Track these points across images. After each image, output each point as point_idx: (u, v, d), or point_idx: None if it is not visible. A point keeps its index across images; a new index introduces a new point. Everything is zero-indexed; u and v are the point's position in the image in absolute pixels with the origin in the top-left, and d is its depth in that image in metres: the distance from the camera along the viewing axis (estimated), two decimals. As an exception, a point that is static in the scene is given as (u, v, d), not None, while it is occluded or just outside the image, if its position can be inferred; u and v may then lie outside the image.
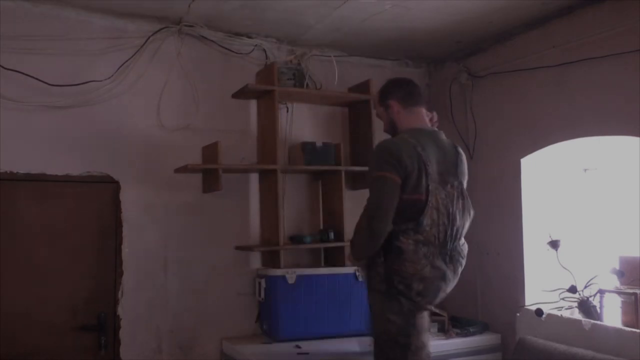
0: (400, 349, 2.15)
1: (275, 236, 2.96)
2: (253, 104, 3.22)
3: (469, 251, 2.93)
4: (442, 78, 3.69)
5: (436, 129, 2.37)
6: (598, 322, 2.65)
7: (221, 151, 2.83)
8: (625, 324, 2.60)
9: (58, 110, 2.75)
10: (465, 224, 2.27)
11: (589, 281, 2.82)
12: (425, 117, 2.34)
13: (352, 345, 2.83)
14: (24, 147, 2.68)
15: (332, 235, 3.12)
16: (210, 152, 2.91)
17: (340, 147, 3.19)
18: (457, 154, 2.31)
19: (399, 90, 2.34)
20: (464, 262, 2.30)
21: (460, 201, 2.24)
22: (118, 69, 2.86)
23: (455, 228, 2.20)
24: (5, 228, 2.63)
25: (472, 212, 2.33)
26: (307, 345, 2.81)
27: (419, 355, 2.17)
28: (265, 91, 3.05)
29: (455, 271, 2.25)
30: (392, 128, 2.36)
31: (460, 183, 2.27)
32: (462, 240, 2.30)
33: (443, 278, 2.19)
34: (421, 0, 2.72)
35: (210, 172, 2.92)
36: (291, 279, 2.89)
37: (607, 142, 2.93)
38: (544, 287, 2.98)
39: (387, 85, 2.39)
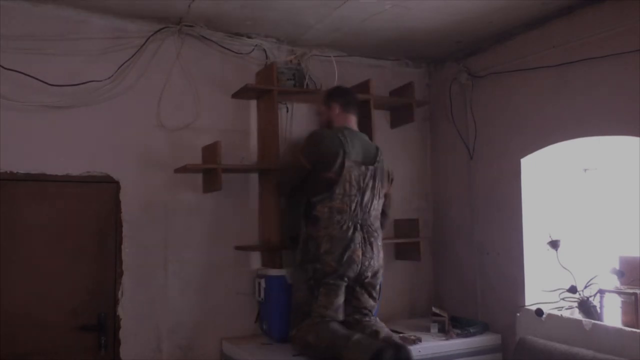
0: (302, 315, 2.57)
1: (275, 236, 2.96)
2: (253, 104, 3.22)
3: (468, 251, 3.20)
4: (442, 78, 3.69)
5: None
6: (598, 322, 2.65)
7: (221, 151, 2.83)
8: (625, 324, 2.60)
9: (58, 110, 2.75)
10: (374, 200, 2.66)
11: (589, 281, 2.82)
12: (354, 123, 2.84)
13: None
14: (24, 147, 2.68)
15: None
16: (210, 152, 2.91)
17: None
18: (377, 152, 2.77)
19: (342, 98, 2.85)
20: (378, 234, 2.68)
21: (371, 181, 2.65)
22: (118, 69, 2.86)
23: (364, 200, 2.62)
24: (5, 228, 2.63)
25: (382, 194, 2.76)
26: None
27: (315, 322, 2.50)
28: (265, 91, 3.05)
29: (368, 240, 2.61)
30: (328, 124, 2.86)
31: (375, 169, 2.69)
32: (373, 215, 2.68)
33: (352, 240, 2.55)
34: (421, 0, 2.72)
35: (210, 172, 2.92)
36: (291, 279, 2.89)
37: (607, 142, 2.93)
38: (544, 287, 2.98)
39: (335, 90, 2.92)
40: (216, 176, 2.83)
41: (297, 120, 3.32)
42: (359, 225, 2.59)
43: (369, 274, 2.63)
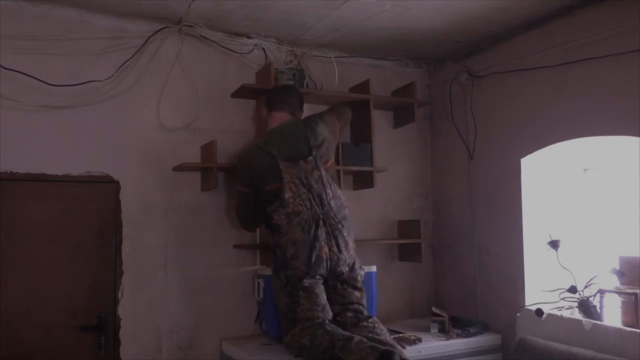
0: (290, 322, 2.52)
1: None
2: (253, 104, 3.22)
3: (468, 251, 3.21)
4: (442, 78, 3.70)
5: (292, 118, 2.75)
6: (598, 322, 2.65)
7: (217, 150, 2.84)
8: (625, 324, 2.60)
9: (58, 110, 2.75)
10: (326, 189, 2.56)
11: (589, 281, 2.82)
12: (284, 118, 2.71)
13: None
14: (24, 147, 2.68)
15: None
16: (208, 151, 2.92)
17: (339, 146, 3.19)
18: (306, 129, 2.62)
19: (269, 98, 2.79)
20: (343, 226, 2.57)
21: (316, 171, 2.55)
22: (118, 69, 2.86)
23: (316, 195, 2.52)
24: (5, 228, 2.63)
25: (331, 179, 2.64)
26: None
27: (306, 326, 2.44)
28: (263, 91, 3.05)
29: (332, 234, 2.53)
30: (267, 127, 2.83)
31: (314, 157, 2.56)
32: (335, 205, 2.57)
33: (316, 239, 2.48)
34: (421, 0, 2.72)
35: (207, 171, 2.94)
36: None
37: (607, 142, 2.93)
38: (544, 287, 2.98)
39: (267, 92, 2.86)
40: (212, 174, 2.84)
41: (297, 120, 3.32)
42: (321, 221, 2.50)
43: (345, 269, 2.57)
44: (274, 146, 2.55)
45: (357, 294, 2.63)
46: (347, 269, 2.58)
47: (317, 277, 2.52)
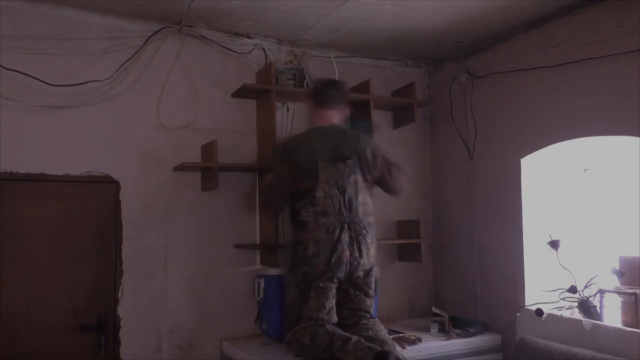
0: (294, 319, 2.54)
1: (274, 235, 2.96)
2: (253, 104, 3.22)
3: (468, 251, 3.22)
4: (442, 78, 3.70)
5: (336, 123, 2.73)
6: (598, 322, 2.65)
7: (217, 149, 2.84)
8: (625, 324, 2.60)
9: (58, 110, 2.75)
10: (358, 195, 2.57)
11: (589, 281, 2.82)
12: (330, 117, 2.71)
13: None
14: (24, 147, 2.68)
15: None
16: (208, 150, 2.92)
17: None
18: (353, 135, 2.65)
19: (316, 92, 2.78)
20: (367, 232, 2.58)
21: (352, 176, 2.56)
22: (118, 69, 2.86)
23: (347, 198, 2.53)
24: (5, 228, 2.63)
25: (369, 185, 2.67)
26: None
27: (309, 325, 2.47)
28: (264, 91, 3.05)
29: (356, 239, 2.54)
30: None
31: (354, 161, 2.58)
32: (362, 211, 2.57)
33: (339, 241, 2.49)
34: (421, 0, 2.72)
35: (207, 171, 2.94)
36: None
37: (607, 142, 2.93)
38: (544, 287, 2.98)
39: (314, 85, 2.91)
40: (213, 174, 2.84)
41: (297, 120, 3.32)
42: (346, 225, 2.52)
43: (361, 273, 2.57)
44: (316, 144, 2.56)
45: (368, 302, 2.64)
46: (362, 273, 2.58)
47: (334, 280, 2.52)
